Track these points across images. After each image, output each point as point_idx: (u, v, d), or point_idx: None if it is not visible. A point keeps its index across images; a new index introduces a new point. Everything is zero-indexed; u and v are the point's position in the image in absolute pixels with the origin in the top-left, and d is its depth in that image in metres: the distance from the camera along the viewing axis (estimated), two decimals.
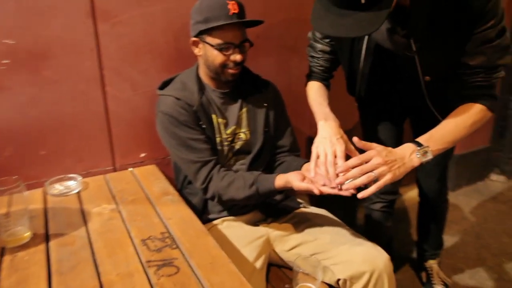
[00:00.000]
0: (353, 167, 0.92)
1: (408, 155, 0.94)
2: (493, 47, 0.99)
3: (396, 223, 1.75)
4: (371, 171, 0.90)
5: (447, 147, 0.98)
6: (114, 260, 0.89)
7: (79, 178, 1.31)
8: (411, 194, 2.35)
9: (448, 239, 1.97)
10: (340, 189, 0.95)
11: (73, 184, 1.30)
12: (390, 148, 0.95)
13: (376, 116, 1.46)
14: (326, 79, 1.32)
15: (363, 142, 0.94)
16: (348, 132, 1.12)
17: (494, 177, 2.72)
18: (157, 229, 1.02)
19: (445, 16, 1.00)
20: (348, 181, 0.93)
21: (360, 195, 0.89)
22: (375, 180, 0.92)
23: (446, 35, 1.03)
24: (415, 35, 1.07)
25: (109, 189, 1.28)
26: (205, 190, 1.19)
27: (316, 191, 0.96)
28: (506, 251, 1.95)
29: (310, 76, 1.33)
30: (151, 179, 1.35)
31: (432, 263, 1.74)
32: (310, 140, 1.87)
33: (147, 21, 1.39)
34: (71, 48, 1.29)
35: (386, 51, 1.17)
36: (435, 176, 1.53)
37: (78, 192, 1.26)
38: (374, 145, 0.95)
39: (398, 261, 1.72)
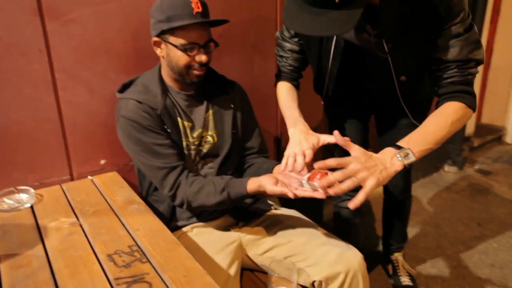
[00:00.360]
0: (329, 167, 0.90)
1: (389, 159, 0.92)
2: (463, 40, 1.00)
3: (361, 217, 1.78)
4: (352, 176, 0.88)
5: (429, 148, 0.97)
6: (77, 281, 0.82)
7: (31, 190, 1.21)
8: (375, 189, 2.41)
9: (410, 230, 2.04)
10: (315, 191, 0.94)
11: (25, 197, 1.19)
12: (370, 153, 0.94)
13: (343, 115, 1.47)
14: (295, 79, 1.31)
15: (343, 139, 0.92)
16: (314, 130, 1.11)
17: (447, 168, 2.88)
18: (124, 242, 0.96)
19: (413, 14, 1.02)
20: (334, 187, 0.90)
21: (352, 206, 0.87)
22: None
23: (417, 34, 1.04)
24: (386, 36, 1.07)
25: (67, 201, 1.19)
26: (173, 197, 1.14)
27: (291, 195, 0.95)
28: (461, 239, 2.06)
29: (279, 76, 1.32)
30: (113, 187, 1.28)
31: (397, 256, 1.79)
32: (277, 140, 1.87)
33: (101, 19, 1.30)
34: (15, 48, 1.18)
35: (355, 50, 1.17)
36: (400, 173, 1.56)
37: (32, 206, 1.16)
38: (355, 147, 0.93)
39: (364, 254, 1.75)
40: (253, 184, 1.06)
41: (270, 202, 1.36)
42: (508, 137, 3.32)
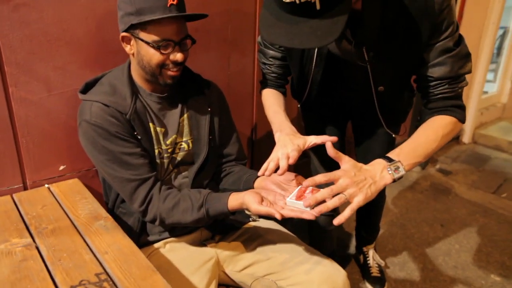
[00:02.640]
0: (317, 184, 0.86)
1: (380, 172, 0.90)
2: (453, 56, 0.98)
3: None
4: (340, 192, 0.84)
5: (418, 161, 0.95)
6: None
7: None
8: None
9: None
10: (303, 211, 0.88)
11: None
12: (360, 165, 0.90)
13: (320, 120, 1.45)
14: (281, 86, 1.25)
15: (334, 151, 0.88)
16: None
17: (411, 169, 2.96)
18: (90, 269, 0.85)
19: (397, 22, 0.98)
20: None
21: (336, 222, 0.82)
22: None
23: (400, 44, 1.01)
24: (368, 43, 1.03)
25: (19, 216, 1.05)
26: (144, 212, 1.05)
27: (278, 216, 0.88)
28: (427, 240, 2.12)
29: (264, 84, 1.26)
30: (74, 197, 1.15)
31: (369, 247, 1.85)
32: (252, 144, 1.80)
33: (61, 4, 1.15)
34: None
35: (338, 58, 1.13)
36: None
37: None
38: (345, 159, 0.89)
39: (337, 256, 1.77)
40: (235, 201, 0.99)
41: (248, 213, 1.29)
42: (465, 137, 3.47)
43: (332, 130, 1.45)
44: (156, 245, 1.14)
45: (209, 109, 1.18)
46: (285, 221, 0.97)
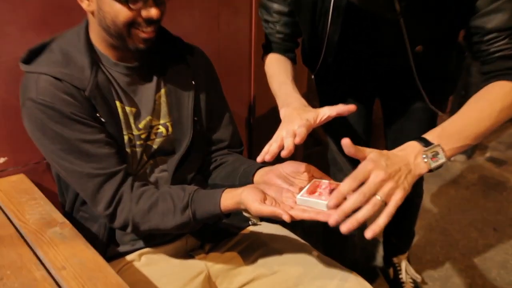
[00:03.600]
0: (347, 192, 0.81)
1: (413, 158, 0.88)
2: None
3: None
4: (374, 193, 0.81)
5: (466, 144, 0.93)
6: None
7: None
8: None
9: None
10: (319, 212, 0.88)
11: None
12: (386, 152, 0.88)
13: (341, 95, 1.45)
14: (289, 50, 1.26)
15: (355, 148, 0.84)
16: None
17: (453, 156, 2.96)
18: None
19: None
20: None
21: (369, 234, 0.79)
22: None
23: None
24: None
25: None
26: (111, 217, 1.05)
27: (286, 218, 0.88)
28: (475, 249, 2.14)
29: (267, 48, 1.27)
30: (20, 198, 1.16)
31: (401, 258, 1.86)
32: (250, 128, 1.81)
33: None
34: None
35: (361, 11, 1.13)
36: None
37: None
38: (368, 150, 0.87)
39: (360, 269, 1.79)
40: (229, 199, 0.99)
41: (247, 215, 1.30)
42: None
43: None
44: (128, 257, 1.14)
45: (193, 82, 1.18)
46: (295, 226, 0.97)
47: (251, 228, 1.27)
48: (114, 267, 1.04)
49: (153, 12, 1.00)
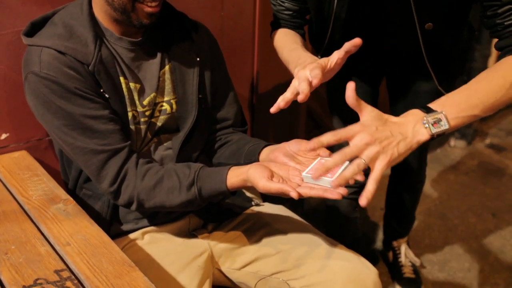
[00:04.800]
0: (326, 145, 0.84)
1: (412, 125, 0.86)
2: None
3: (361, 209, 1.79)
4: (356, 155, 0.82)
5: (474, 114, 0.89)
6: None
7: None
8: None
9: None
10: (326, 189, 0.88)
11: None
12: (386, 117, 0.87)
13: (346, 75, 1.42)
14: (298, 27, 1.25)
15: (356, 97, 0.84)
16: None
17: (453, 142, 2.96)
18: (48, 265, 0.86)
19: None
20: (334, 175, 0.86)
21: (363, 202, 0.80)
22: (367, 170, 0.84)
23: None
24: None
25: None
26: (116, 194, 1.05)
27: (294, 194, 0.87)
28: (474, 234, 2.15)
29: (275, 25, 1.26)
30: (23, 175, 1.16)
31: (401, 242, 1.87)
32: (253, 109, 1.80)
33: None
34: None
35: None
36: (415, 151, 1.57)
37: None
38: (368, 109, 0.86)
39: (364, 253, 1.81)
40: (236, 177, 0.99)
41: (249, 195, 1.31)
42: None
43: (362, 88, 1.43)
44: (132, 235, 1.15)
45: (198, 59, 1.16)
46: (296, 206, 0.96)
47: (254, 208, 1.27)
48: (117, 245, 1.04)
49: None
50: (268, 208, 1.28)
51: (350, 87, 0.84)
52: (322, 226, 1.60)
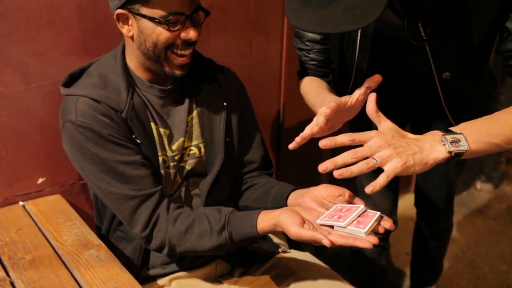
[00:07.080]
0: (339, 146, 0.85)
1: (430, 142, 0.86)
2: None
3: (386, 255, 1.75)
4: (368, 155, 0.83)
5: (495, 142, 0.88)
6: None
7: None
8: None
9: None
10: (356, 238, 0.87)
11: None
12: (405, 132, 0.90)
13: (369, 123, 1.43)
14: (324, 75, 1.27)
15: (375, 108, 0.88)
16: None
17: (479, 185, 2.90)
18: None
19: None
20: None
21: (369, 190, 0.81)
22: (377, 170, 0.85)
23: (467, 13, 1.01)
24: (423, 17, 1.03)
25: None
26: (148, 239, 1.06)
27: (327, 242, 0.87)
28: (505, 283, 2.07)
29: (303, 74, 1.28)
30: (57, 219, 1.18)
31: None
32: (278, 152, 1.81)
33: None
34: None
35: (388, 38, 1.14)
36: (442, 185, 1.53)
37: None
38: (386, 123, 0.89)
39: None
40: (266, 221, 0.99)
41: (277, 241, 1.30)
42: None
43: None
44: (160, 281, 1.14)
45: (225, 103, 1.19)
46: (320, 252, 0.95)
47: (281, 255, 1.26)
48: None
49: (192, 33, 1.03)
50: (294, 254, 1.27)
51: (372, 97, 0.88)
52: (347, 272, 1.57)
